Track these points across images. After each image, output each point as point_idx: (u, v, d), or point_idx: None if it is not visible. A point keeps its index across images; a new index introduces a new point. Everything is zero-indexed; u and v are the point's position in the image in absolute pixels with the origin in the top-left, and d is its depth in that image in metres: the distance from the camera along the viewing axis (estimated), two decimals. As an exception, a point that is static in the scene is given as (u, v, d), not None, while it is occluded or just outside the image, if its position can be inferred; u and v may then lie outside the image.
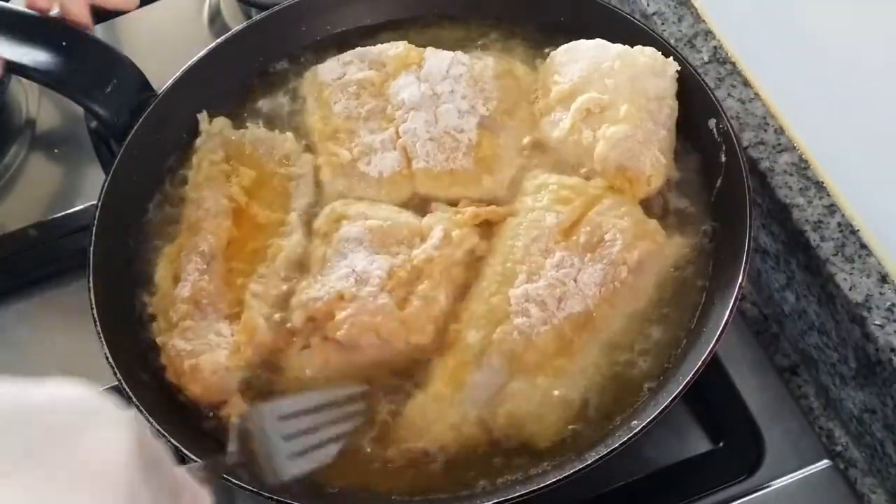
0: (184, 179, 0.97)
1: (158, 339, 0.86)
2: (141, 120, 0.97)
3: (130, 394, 0.80)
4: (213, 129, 0.99)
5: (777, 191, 0.92)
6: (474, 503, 0.75)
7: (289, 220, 0.91)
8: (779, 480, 0.87)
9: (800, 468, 0.87)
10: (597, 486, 0.87)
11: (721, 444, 0.90)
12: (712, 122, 0.90)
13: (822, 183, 0.92)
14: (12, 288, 1.12)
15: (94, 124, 1.13)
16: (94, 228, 0.91)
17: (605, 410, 0.81)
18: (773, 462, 0.88)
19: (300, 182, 0.95)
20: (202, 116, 1.00)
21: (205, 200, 0.92)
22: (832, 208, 0.90)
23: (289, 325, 0.85)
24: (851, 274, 0.86)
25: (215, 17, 1.29)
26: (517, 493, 0.74)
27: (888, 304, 0.84)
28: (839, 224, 0.89)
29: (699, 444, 0.91)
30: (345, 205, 0.91)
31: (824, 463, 0.88)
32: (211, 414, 0.85)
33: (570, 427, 0.80)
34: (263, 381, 0.85)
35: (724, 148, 0.89)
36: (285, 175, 0.95)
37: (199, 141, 0.98)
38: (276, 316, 0.86)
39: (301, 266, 0.89)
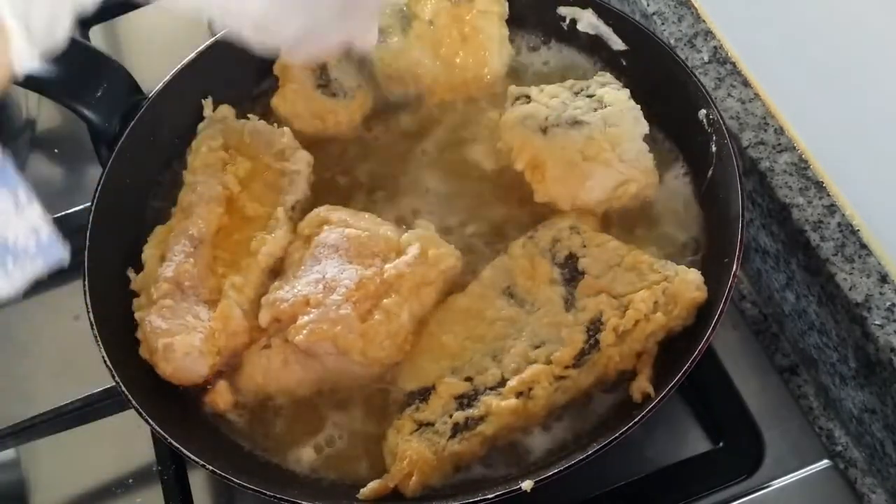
0: (180, 179, 0.97)
1: (137, 315, 0.87)
2: (132, 123, 0.97)
3: (128, 395, 0.80)
4: (217, 115, 1.00)
5: (777, 191, 0.92)
6: (476, 496, 0.75)
7: (275, 216, 0.92)
8: (779, 480, 0.87)
9: (800, 468, 0.87)
10: (597, 486, 0.87)
11: (721, 444, 0.90)
12: (702, 113, 0.90)
13: (822, 183, 0.92)
14: (12, 288, 1.12)
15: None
16: (89, 232, 0.91)
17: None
18: (773, 462, 0.88)
19: (293, 179, 0.95)
20: (206, 102, 1.01)
21: (199, 185, 0.93)
22: (832, 208, 0.90)
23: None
24: (851, 274, 0.86)
25: (215, 17, 1.29)
26: (517, 487, 0.74)
27: (888, 304, 0.83)
28: (839, 224, 0.89)
29: (699, 444, 0.91)
30: (329, 210, 0.91)
31: (824, 463, 0.88)
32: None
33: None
34: (225, 374, 0.86)
35: (714, 138, 0.89)
36: (279, 170, 0.95)
37: (200, 125, 0.99)
38: (251, 310, 0.87)
39: (282, 264, 0.90)
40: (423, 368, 0.84)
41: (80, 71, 0.97)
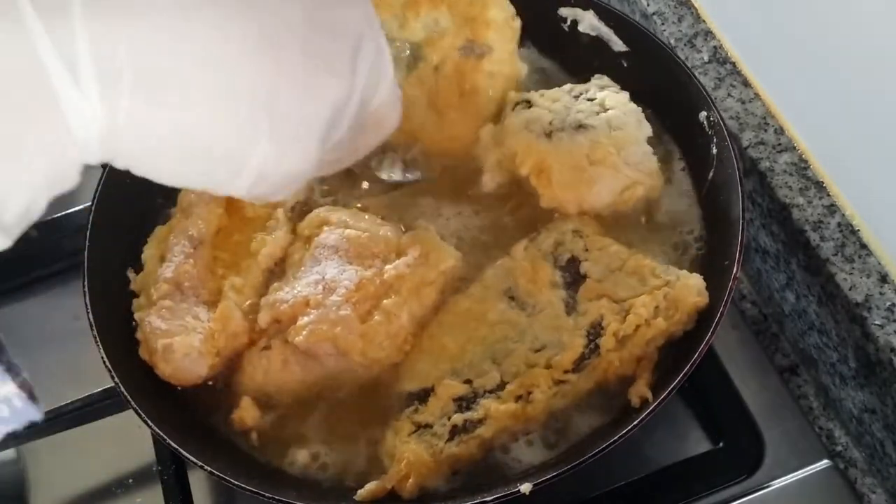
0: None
1: (136, 315, 0.87)
2: None
3: (128, 396, 0.80)
4: None
5: (777, 191, 0.92)
6: (475, 498, 0.75)
7: (275, 217, 0.92)
8: (779, 480, 0.87)
9: (800, 468, 0.87)
10: (597, 486, 0.87)
11: (721, 444, 0.90)
12: (703, 115, 0.90)
13: (822, 183, 0.92)
14: (12, 288, 1.12)
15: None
16: (89, 232, 0.91)
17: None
18: (773, 462, 0.88)
19: None
20: None
21: None
22: (832, 208, 0.90)
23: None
24: (851, 274, 0.86)
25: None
26: (515, 490, 0.74)
27: (888, 304, 0.83)
28: (839, 224, 0.89)
29: (699, 444, 0.91)
30: (329, 210, 0.91)
31: (824, 463, 0.88)
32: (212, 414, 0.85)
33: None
34: (223, 375, 0.86)
35: (714, 140, 0.89)
36: None
37: None
38: (251, 311, 0.87)
39: (282, 265, 0.90)
40: (423, 370, 0.84)
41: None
